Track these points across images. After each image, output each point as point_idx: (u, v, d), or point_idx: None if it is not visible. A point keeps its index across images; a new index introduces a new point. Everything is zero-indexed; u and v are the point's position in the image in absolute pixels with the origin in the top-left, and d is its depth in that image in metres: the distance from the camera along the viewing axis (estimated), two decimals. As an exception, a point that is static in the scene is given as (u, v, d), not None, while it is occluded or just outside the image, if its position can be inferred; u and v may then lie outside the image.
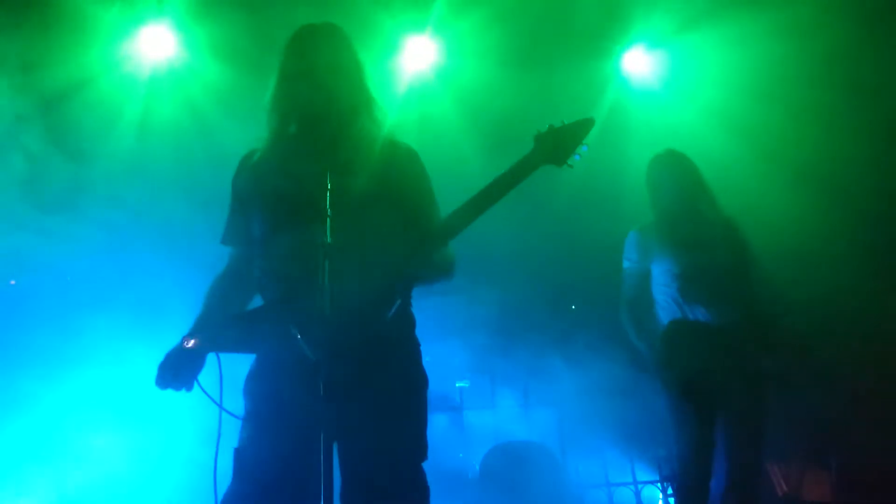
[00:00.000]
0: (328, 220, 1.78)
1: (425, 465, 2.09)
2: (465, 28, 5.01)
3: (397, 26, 5.03)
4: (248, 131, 2.32)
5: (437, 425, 5.06)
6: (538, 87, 5.06)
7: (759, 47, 4.71)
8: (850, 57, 4.41)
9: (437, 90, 5.36)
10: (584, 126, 2.17)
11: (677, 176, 3.61)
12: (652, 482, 5.71)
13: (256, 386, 2.14)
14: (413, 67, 5.28)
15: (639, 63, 5.43)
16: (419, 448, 2.08)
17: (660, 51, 5.37)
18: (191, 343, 2.07)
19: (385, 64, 5.18)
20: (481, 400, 5.76)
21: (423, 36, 5.13)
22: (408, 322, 2.21)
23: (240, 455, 2.03)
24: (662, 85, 5.46)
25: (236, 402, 2.13)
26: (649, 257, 3.59)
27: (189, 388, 2.09)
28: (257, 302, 2.26)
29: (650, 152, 3.80)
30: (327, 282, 1.70)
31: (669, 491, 5.62)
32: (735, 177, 4.42)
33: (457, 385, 5.59)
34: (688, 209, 3.56)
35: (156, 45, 4.89)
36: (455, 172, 3.18)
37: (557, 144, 2.13)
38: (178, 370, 2.07)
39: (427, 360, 2.21)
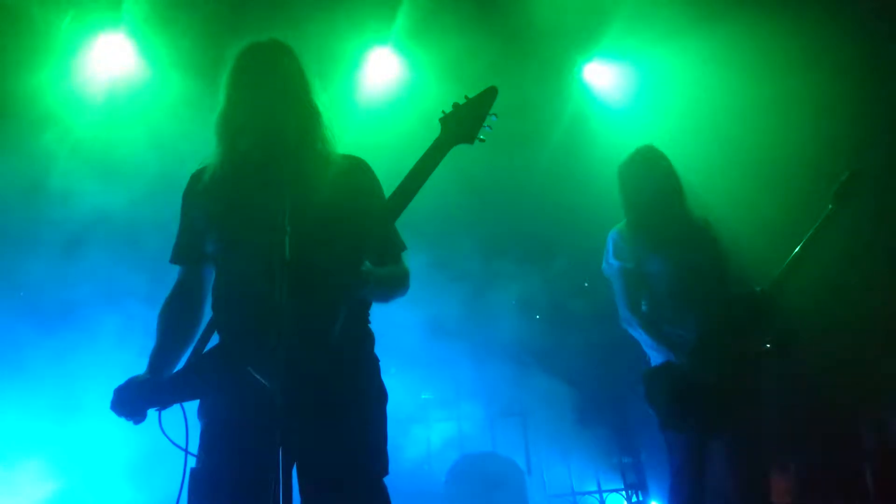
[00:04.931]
0: (286, 236, 1.76)
1: (390, 479, 2.06)
2: (427, 42, 5.07)
3: (362, 41, 5.09)
4: (203, 144, 2.27)
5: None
6: (504, 98, 5.11)
7: (718, 60, 4.90)
8: (807, 72, 4.61)
9: (399, 103, 5.38)
10: (487, 96, 2.15)
11: (657, 172, 3.44)
12: (616, 490, 5.76)
13: (211, 405, 2.09)
14: (376, 80, 5.33)
15: (599, 75, 5.56)
16: (380, 463, 2.05)
17: (620, 63, 5.50)
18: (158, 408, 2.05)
19: (349, 76, 5.22)
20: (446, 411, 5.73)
21: (386, 49, 5.20)
22: (366, 338, 2.19)
23: (196, 476, 1.98)
24: (623, 95, 5.57)
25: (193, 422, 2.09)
26: (638, 256, 3.40)
27: (142, 420, 2.08)
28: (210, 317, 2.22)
29: (613, 157, 3.70)
30: (286, 299, 1.68)
31: (634, 499, 5.67)
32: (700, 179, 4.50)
33: (422, 397, 5.56)
34: (669, 207, 3.42)
35: (112, 56, 4.81)
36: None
37: (464, 122, 2.12)
38: (137, 403, 2.05)
39: (392, 372, 2.19)
